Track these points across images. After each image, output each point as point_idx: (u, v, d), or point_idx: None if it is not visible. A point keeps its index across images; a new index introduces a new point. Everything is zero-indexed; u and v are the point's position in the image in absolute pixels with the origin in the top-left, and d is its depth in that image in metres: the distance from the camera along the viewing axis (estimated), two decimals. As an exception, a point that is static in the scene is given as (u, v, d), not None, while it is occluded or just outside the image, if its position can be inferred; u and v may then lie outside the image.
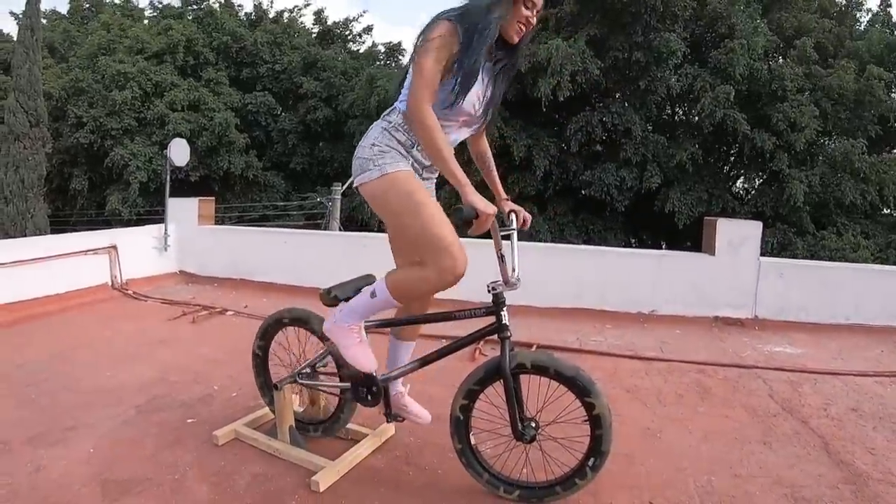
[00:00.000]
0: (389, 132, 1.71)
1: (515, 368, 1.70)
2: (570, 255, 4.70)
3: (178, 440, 2.16)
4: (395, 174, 1.66)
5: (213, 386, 2.73)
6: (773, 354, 3.54)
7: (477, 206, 1.49)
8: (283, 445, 2.03)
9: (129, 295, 4.47)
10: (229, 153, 15.64)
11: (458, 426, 1.79)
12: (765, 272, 4.20)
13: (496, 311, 1.71)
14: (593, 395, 1.64)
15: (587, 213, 13.05)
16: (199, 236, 5.39)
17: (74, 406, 2.45)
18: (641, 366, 3.28)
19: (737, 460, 2.18)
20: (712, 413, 2.62)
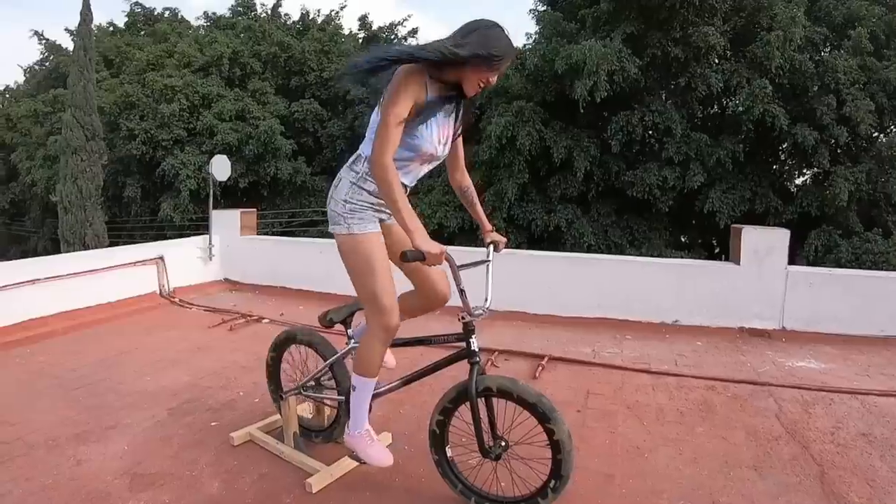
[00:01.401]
0: (359, 186, 1.87)
1: (482, 392, 1.86)
2: (594, 265, 4.77)
3: (200, 440, 2.47)
4: (361, 237, 1.87)
5: (239, 392, 3.04)
6: (793, 370, 3.47)
7: (422, 248, 1.66)
8: (288, 449, 2.29)
9: (175, 303, 4.91)
10: (276, 159, 16.34)
11: (434, 439, 1.99)
12: (793, 282, 4.11)
13: (465, 338, 1.88)
14: (553, 422, 1.76)
15: (631, 213, 12.86)
16: (241, 246, 5.81)
17: (116, 407, 2.81)
18: (650, 381, 3.31)
19: (720, 487, 2.17)
20: (710, 434, 2.63)
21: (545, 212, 12.87)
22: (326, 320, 2.14)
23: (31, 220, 20.39)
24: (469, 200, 2.18)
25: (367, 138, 1.88)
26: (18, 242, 21.69)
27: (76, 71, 14.36)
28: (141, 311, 4.61)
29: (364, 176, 1.87)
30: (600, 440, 2.56)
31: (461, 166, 2.15)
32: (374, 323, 1.87)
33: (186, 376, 3.25)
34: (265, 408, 2.79)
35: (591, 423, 2.73)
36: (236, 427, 2.55)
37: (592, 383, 3.26)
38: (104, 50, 19.07)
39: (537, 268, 4.69)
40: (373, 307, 1.86)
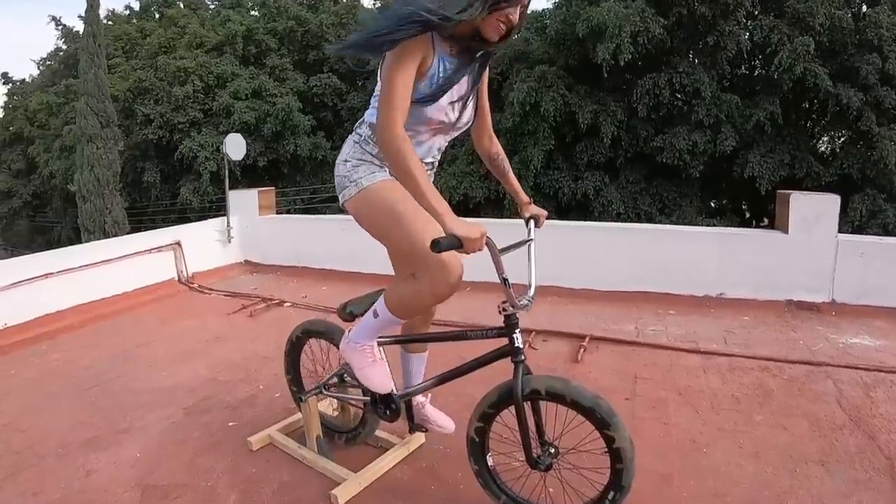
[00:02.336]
0: (360, 146, 1.66)
1: (529, 395, 1.60)
2: (632, 235, 4.45)
3: (217, 444, 2.28)
4: (373, 186, 1.60)
5: (259, 385, 2.85)
6: (847, 347, 3.19)
7: (457, 232, 1.32)
8: (311, 454, 2.08)
9: (194, 289, 4.76)
10: (294, 136, 16.17)
11: (473, 447, 1.75)
12: (843, 251, 3.77)
13: (508, 333, 1.61)
14: (613, 428, 1.51)
15: (660, 179, 12.39)
16: (261, 226, 5.61)
17: (130, 408, 2.64)
18: (700, 361, 3.05)
19: (787, 487, 1.95)
20: (769, 422, 2.39)
21: (572, 179, 12.47)
22: (346, 313, 1.86)
23: (52, 211, 20.78)
24: (500, 170, 1.89)
25: (371, 106, 1.66)
26: (42, 233, 22.19)
27: (86, 58, 14.26)
28: (159, 299, 4.46)
29: (367, 138, 1.65)
30: (653, 433, 2.32)
31: (489, 131, 1.86)
32: (429, 278, 1.51)
33: (204, 370, 3.08)
34: (286, 403, 2.59)
35: (641, 412, 2.49)
36: (255, 427, 2.37)
37: (639, 366, 3.01)
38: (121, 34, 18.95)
39: (572, 239, 4.39)
40: (422, 261, 1.49)
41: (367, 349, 1.76)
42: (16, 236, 24.40)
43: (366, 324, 1.75)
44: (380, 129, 1.45)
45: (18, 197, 21.28)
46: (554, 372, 2.92)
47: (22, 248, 23.22)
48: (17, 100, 22.42)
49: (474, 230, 1.34)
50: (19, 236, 24.15)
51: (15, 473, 2.13)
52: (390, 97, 1.42)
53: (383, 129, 1.43)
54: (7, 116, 22.80)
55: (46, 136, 18.58)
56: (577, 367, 3.01)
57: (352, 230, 5.19)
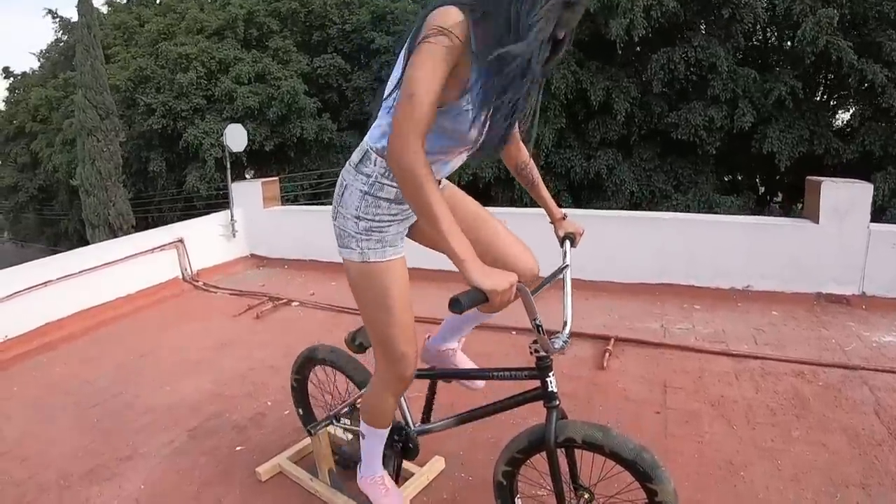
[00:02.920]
0: (374, 196, 1.37)
1: (563, 443, 1.44)
2: (654, 225, 4.23)
3: (224, 473, 2.16)
4: (377, 266, 1.41)
5: (267, 401, 2.72)
6: (881, 347, 3.02)
7: (483, 285, 1.11)
8: (323, 487, 1.95)
9: (199, 287, 4.64)
10: (300, 119, 15.91)
11: (501, 491, 1.60)
12: (875, 242, 3.57)
13: (541, 377, 1.45)
14: (656, 482, 1.35)
15: (675, 156, 12.07)
16: (266, 219, 5.46)
17: (133, 430, 2.52)
18: (731, 366, 2.89)
19: None
20: (808, 439, 2.24)
21: (584, 158, 12.17)
22: (356, 345, 1.75)
23: (59, 204, 20.74)
24: (529, 180, 1.68)
25: (378, 121, 1.38)
26: (50, 225, 22.21)
27: (82, 50, 13.94)
28: (163, 300, 4.34)
29: (378, 180, 1.36)
30: (688, 453, 2.17)
31: (516, 138, 1.63)
32: (385, 371, 1.51)
33: (209, 383, 2.95)
34: (295, 422, 2.45)
35: (673, 429, 2.35)
36: (264, 451, 2.25)
37: (668, 372, 2.86)
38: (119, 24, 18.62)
39: (592, 228, 4.09)
40: (385, 353, 1.48)
41: (377, 481, 1.74)
42: (25, 230, 24.51)
43: (365, 454, 1.72)
44: (395, 154, 1.14)
45: (24, 191, 21.21)
46: (579, 381, 2.80)
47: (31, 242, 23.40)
48: (19, 94, 22.25)
49: (502, 280, 1.12)
50: (28, 230, 24.25)
51: (17, 509, 2.03)
52: (412, 114, 1.12)
53: (400, 155, 1.13)
54: (10, 111, 22.64)
55: (48, 131, 18.43)
56: (604, 374, 2.87)
57: None
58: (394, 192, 1.37)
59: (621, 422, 2.42)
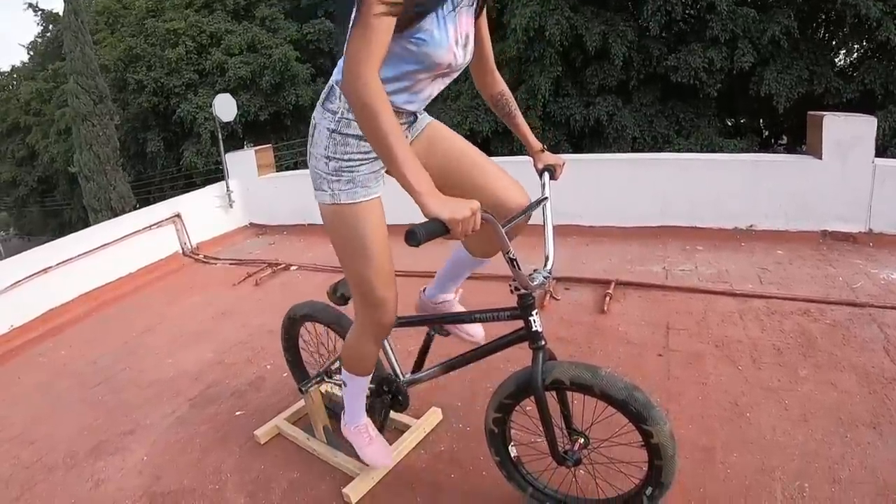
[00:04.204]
0: (341, 133, 1.31)
1: (551, 385, 1.38)
2: (654, 166, 4.09)
3: (224, 438, 2.14)
4: (350, 207, 1.35)
5: (266, 365, 2.69)
6: (890, 284, 2.90)
7: (441, 215, 1.05)
8: (320, 445, 1.93)
9: (199, 260, 4.59)
10: (294, 87, 15.60)
11: (493, 439, 1.56)
12: (881, 177, 3.42)
13: (524, 315, 1.37)
14: (651, 422, 1.29)
15: (676, 100, 11.70)
16: (262, 187, 5.38)
17: (136, 404, 2.51)
18: (736, 305, 2.80)
19: (838, 456, 1.74)
20: (816, 378, 2.16)
21: (583, 105, 11.82)
22: (337, 296, 1.69)
23: (60, 194, 20.70)
24: (505, 111, 1.60)
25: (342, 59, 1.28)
26: (55, 216, 22.20)
27: (70, 37, 13.61)
28: (164, 276, 4.30)
29: (345, 115, 1.30)
30: (691, 396, 2.11)
31: (491, 67, 1.54)
32: (364, 316, 1.47)
33: (210, 352, 2.92)
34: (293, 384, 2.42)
35: (676, 371, 2.28)
36: (263, 414, 2.23)
37: (671, 314, 2.78)
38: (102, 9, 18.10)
39: (589, 173, 4.06)
40: (363, 298, 1.43)
41: (361, 429, 1.73)
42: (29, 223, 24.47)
43: (348, 402, 1.69)
44: (345, 76, 1.10)
45: (24, 185, 21.16)
46: (580, 326, 2.74)
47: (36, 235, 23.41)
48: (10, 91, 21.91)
49: (462, 208, 1.06)
50: (32, 223, 24.20)
51: (27, 491, 2.04)
52: (364, 32, 1.08)
53: (349, 78, 1.08)
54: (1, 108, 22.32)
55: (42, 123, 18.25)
56: (604, 318, 2.80)
57: None
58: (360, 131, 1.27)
59: (623, 366, 2.37)
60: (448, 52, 1.23)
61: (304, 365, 2.13)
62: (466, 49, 1.31)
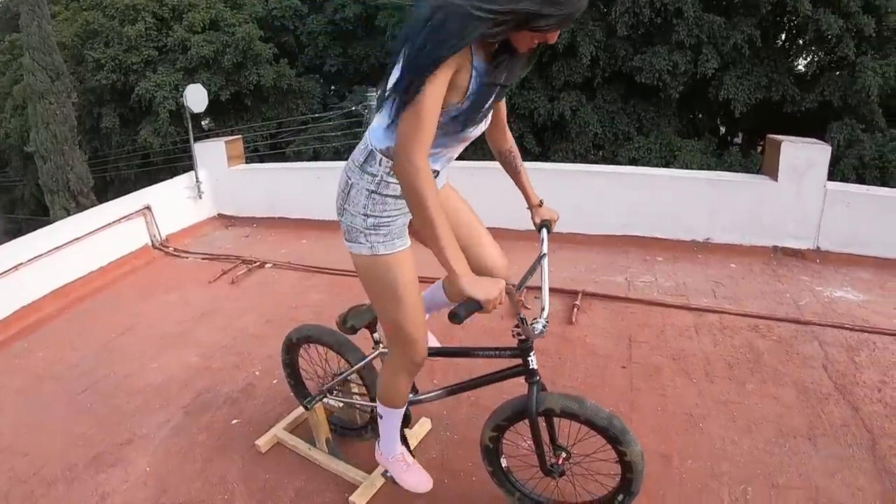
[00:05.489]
0: (380, 194, 1.44)
1: (543, 412, 1.63)
2: (619, 179, 4.37)
3: (224, 447, 2.25)
4: (386, 258, 1.48)
5: (255, 371, 2.80)
6: (832, 302, 3.25)
7: (477, 296, 1.24)
8: (322, 456, 2.09)
9: (169, 253, 4.57)
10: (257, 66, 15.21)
11: (488, 453, 1.80)
12: (831, 200, 3.79)
13: (523, 356, 1.60)
14: (625, 444, 1.56)
15: (638, 99, 12.15)
16: (231, 178, 5.35)
17: (128, 412, 2.55)
18: (692, 320, 3.10)
19: (777, 464, 2.03)
20: (761, 392, 2.46)
21: (548, 99, 12.11)
22: (347, 327, 1.84)
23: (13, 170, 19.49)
24: (512, 167, 1.77)
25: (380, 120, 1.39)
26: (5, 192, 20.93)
27: (27, 11, 12.82)
28: (134, 270, 4.26)
29: (384, 179, 1.43)
30: (651, 407, 2.39)
31: (503, 126, 1.72)
32: (399, 354, 1.62)
33: (195, 356, 2.98)
34: (285, 391, 2.54)
35: (639, 383, 2.55)
36: (259, 422, 2.36)
37: (633, 326, 3.05)
38: None
39: (560, 182, 4.31)
40: (398, 339, 1.58)
41: (398, 458, 1.84)
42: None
43: (384, 432, 1.81)
44: (402, 154, 1.20)
45: None
46: (550, 336, 2.90)
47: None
48: None
49: (493, 289, 1.26)
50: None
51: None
52: (418, 126, 1.18)
53: (406, 156, 1.20)
54: None
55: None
56: (572, 329, 3.04)
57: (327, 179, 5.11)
58: (398, 189, 1.42)
59: (590, 377, 2.61)
60: (474, 125, 1.40)
61: (303, 381, 2.27)
62: (488, 118, 1.48)
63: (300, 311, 3.43)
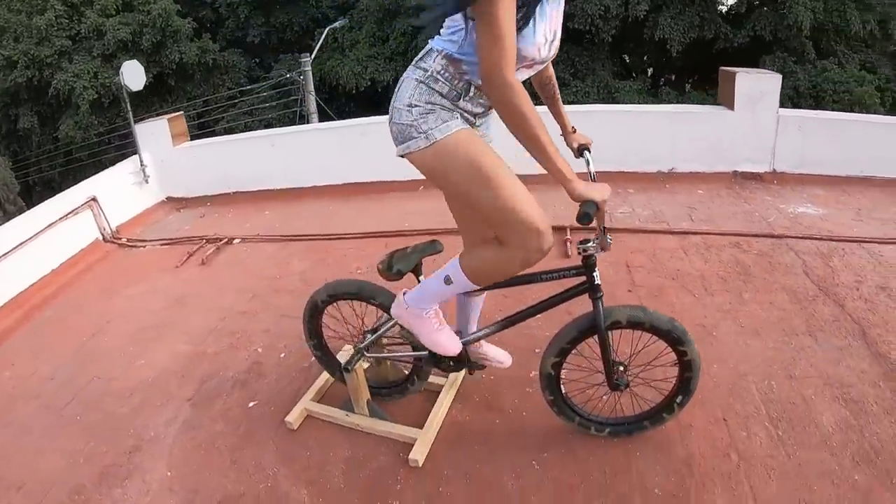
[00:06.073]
0: (428, 85, 1.35)
1: (610, 326, 1.62)
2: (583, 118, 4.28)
3: (249, 433, 2.04)
4: (448, 140, 1.34)
5: (256, 349, 2.58)
6: (797, 217, 3.42)
7: (595, 197, 1.31)
8: (365, 419, 1.95)
9: (123, 244, 4.14)
10: (177, 44, 14.06)
11: (549, 381, 1.75)
12: (783, 125, 3.96)
13: (588, 272, 1.58)
14: (686, 344, 1.61)
15: (571, 45, 12.12)
16: (178, 157, 4.90)
17: (126, 417, 2.22)
18: (678, 242, 3.16)
19: (789, 360, 2.14)
20: (757, 300, 2.57)
21: (483, 53, 11.86)
22: (394, 273, 1.66)
23: None
24: (550, 93, 1.73)
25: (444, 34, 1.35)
26: None
27: None
28: (89, 268, 3.80)
29: (434, 75, 1.34)
30: (666, 321, 2.42)
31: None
32: (519, 245, 1.39)
33: (183, 344, 2.68)
34: (297, 363, 2.40)
35: (647, 303, 2.55)
36: (279, 400, 2.17)
37: (626, 253, 3.08)
38: None
39: None
40: (513, 227, 1.36)
41: (430, 314, 1.66)
42: None
43: (430, 289, 1.62)
44: (491, 75, 1.18)
45: None
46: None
47: None
48: None
49: (605, 191, 1.32)
50: None
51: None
52: (500, 33, 1.15)
53: (496, 75, 1.18)
54: None
55: None
56: (571, 261, 3.03)
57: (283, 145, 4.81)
58: (447, 88, 1.35)
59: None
60: (535, 47, 1.29)
61: (329, 349, 2.09)
62: (552, 45, 1.37)
63: (285, 281, 3.21)
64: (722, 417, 1.89)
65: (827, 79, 10.36)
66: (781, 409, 1.89)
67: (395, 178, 4.39)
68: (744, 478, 1.65)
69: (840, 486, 1.59)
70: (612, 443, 1.81)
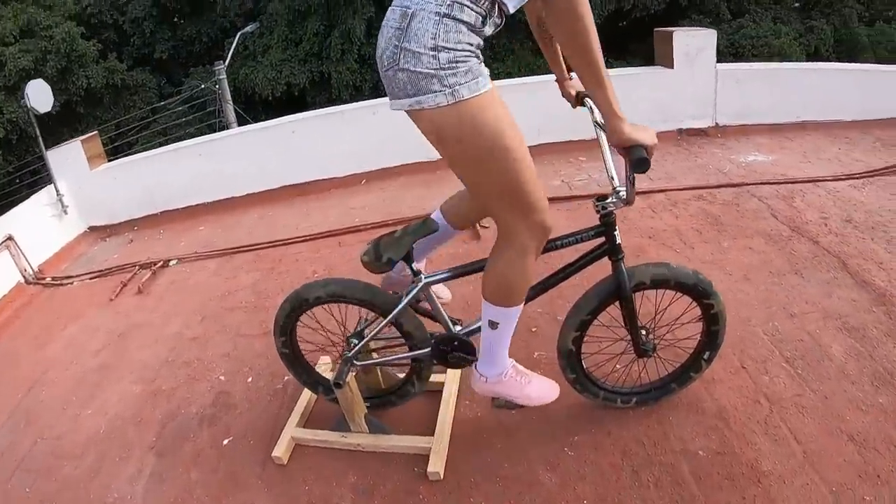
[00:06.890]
0: (453, 19, 1.04)
1: (635, 288, 1.46)
2: (527, 89, 4.19)
3: (231, 477, 1.70)
4: (475, 101, 1.07)
5: (218, 377, 2.21)
6: (750, 165, 3.41)
7: (645, 141, 1.14)
8: (365, 437, 1.65)
9: (49, 284, 3.57)
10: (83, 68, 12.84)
11: (569, 358, 1.55)
12: (722, 80, 3.98)
13: (607, 232, 1.39)
14: (712, 297, 1.49)
15: (489, 29, 12.03)
16: (97, 181, 4.31)
17: (82, 479, 1.82)
18: (643, 202, 3.05)
19: (785, 299, 2.09)
20: (737, 247, 2.51)
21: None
22: (384, 262, 1.36)
23: None
24: (549, 35, 1.53)
25: None
26: None
27: None
28: (16, 314, 3.22)
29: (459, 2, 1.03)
30: (656, 279, 2.30)
31: None
32: (522, 228, 1.23)
33: (134, 384, 2.26)
34: (269, 385, 2.07)
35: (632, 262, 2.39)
36: (256, 432, 1.84)
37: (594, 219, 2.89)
38: None
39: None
40: (519, 205, 1.20)
41: (513, 375, 1.46)
42: None
43: (491, 348, 1.40)
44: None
45: None
46: None
47: None
48: None
49: (653, 134, 1.15)
50: None
51: None
52: None
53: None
54: None
55: None
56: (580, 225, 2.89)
57: (213, 154, 4.34)
58: (474, 16, 1.05)
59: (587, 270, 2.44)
60: None
61: (307, 362, 1.78)
62: None
63: (236, 297, 2.83)
64: (741, 365, 1.80)
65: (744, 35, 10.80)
66: (793, 348, 1.84)
67: (334, 175, 4.11)
68: (780, 421, 1.57)
69: (868, 411, 1.55)
70: (641, 413, 1.65)
